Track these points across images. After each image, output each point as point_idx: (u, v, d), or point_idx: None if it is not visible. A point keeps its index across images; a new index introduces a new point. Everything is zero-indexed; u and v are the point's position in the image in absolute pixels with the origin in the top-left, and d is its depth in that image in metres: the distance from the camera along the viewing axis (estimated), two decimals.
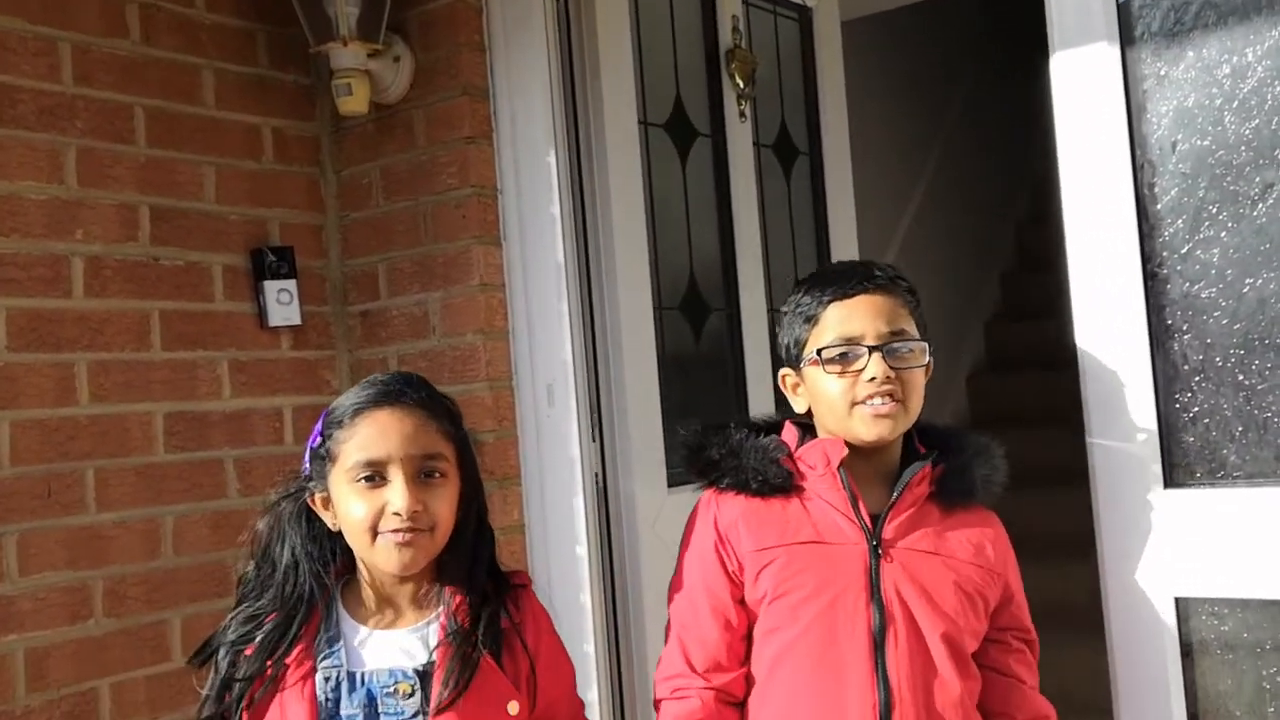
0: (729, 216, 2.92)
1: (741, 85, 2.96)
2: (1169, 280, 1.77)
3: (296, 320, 2.61)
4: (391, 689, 1.48)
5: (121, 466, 2.34)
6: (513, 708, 1.50)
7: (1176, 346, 1.76)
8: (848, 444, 1.60)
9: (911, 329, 1.61)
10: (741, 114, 2.97)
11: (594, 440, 2.53)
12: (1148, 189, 1.79)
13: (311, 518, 1.56)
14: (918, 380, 1.61)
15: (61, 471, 2.25)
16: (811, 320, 1.62)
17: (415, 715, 1.47)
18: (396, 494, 1.46)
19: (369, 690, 1.48)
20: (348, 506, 1.49)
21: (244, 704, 1.48)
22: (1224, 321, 1.73)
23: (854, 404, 1.57)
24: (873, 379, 1.56)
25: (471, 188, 2.52)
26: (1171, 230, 1.77)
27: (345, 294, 2.74)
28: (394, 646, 1.51)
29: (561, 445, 2.50)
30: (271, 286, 2.57)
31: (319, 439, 1.54)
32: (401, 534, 1.46)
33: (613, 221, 2.56)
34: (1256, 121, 1.70)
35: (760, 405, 2.87)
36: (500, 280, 2.54)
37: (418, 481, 1.48)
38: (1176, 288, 1.76)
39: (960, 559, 1.59)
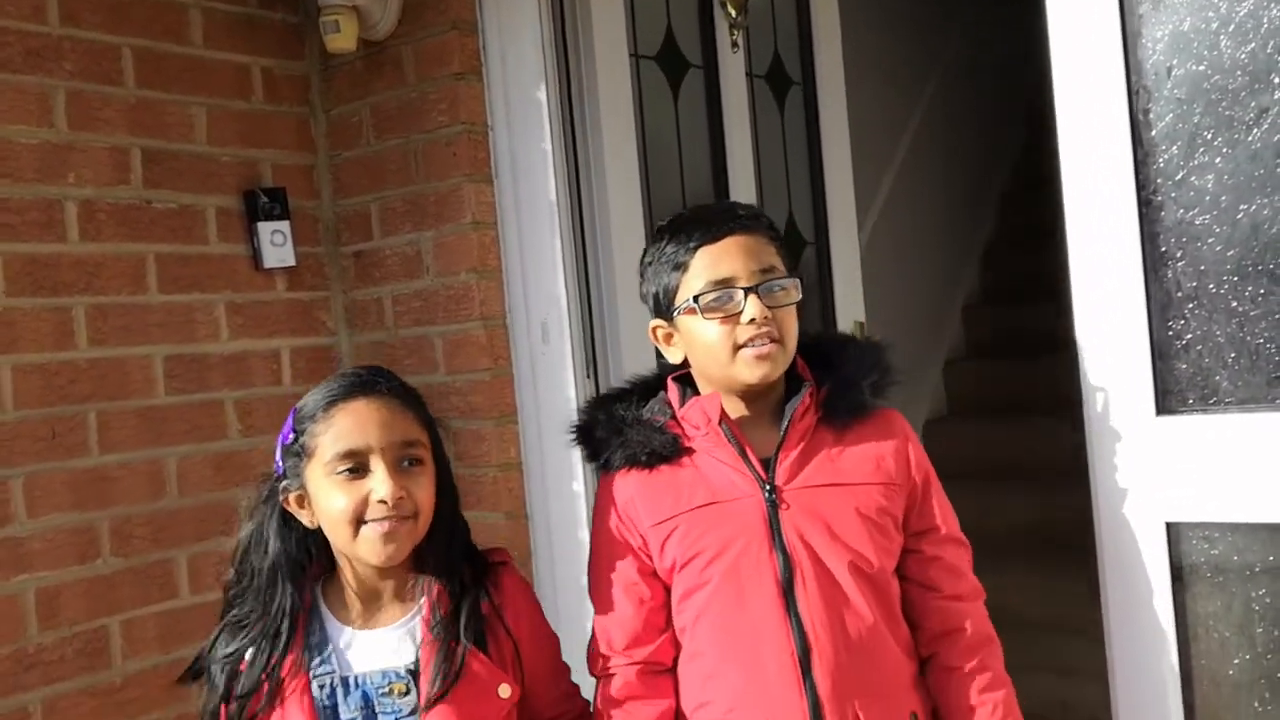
0: (722, 149, 2.91)
1: (734, 15, 2.93)
2: (1163, 207, 1.77)
3: (291, 261, 2.61)
4: (386, 689, 1.50)
5: (123, 409, 2.36)
6: (504, 691, 1.53)
7: (1170, 274, 1.76)
8: (733, 390, 1.59)
9: (780, 266, 1.59)
10: (734, 44, 2.94)
11: (589, 377, 2.53)
12: (1142, 115, 1.77)
13: (287, 519, 1.54)
14: (792, 317, 1.59)
15: (64, 415, 2.27)
16: (680, 267, 1.58)
17: (413, 713, 1.49)
18: (380, 482, 1.46)
19: (364, 692, 1.50)
20: (329, 500, 1.48)
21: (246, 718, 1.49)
22: (1218, 248, 1.73)
23: (736, 348, 1.55)
24: (752, 320, 1.53)
25: (462, 125, 2.50)
26: (1166, 157, 1.76)
27: (338, 234, 2.74)
28: (382, 645, 1.53)
29: (557, 383, 2.51)
30: (265, 228, 2.56)
31: (291, 435, 1.52)
32: (386, 523, 1.47)
33: (604, 157, 2.54)
34: (1252, 45, 1.69)
35: None
36: (492, 218, 2.54)
37: (399, 469, 1.49)
38: (1170, 214, 1.76)
39: (859, 481, 1.58)
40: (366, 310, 2.68)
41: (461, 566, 1.56)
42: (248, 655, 1.50)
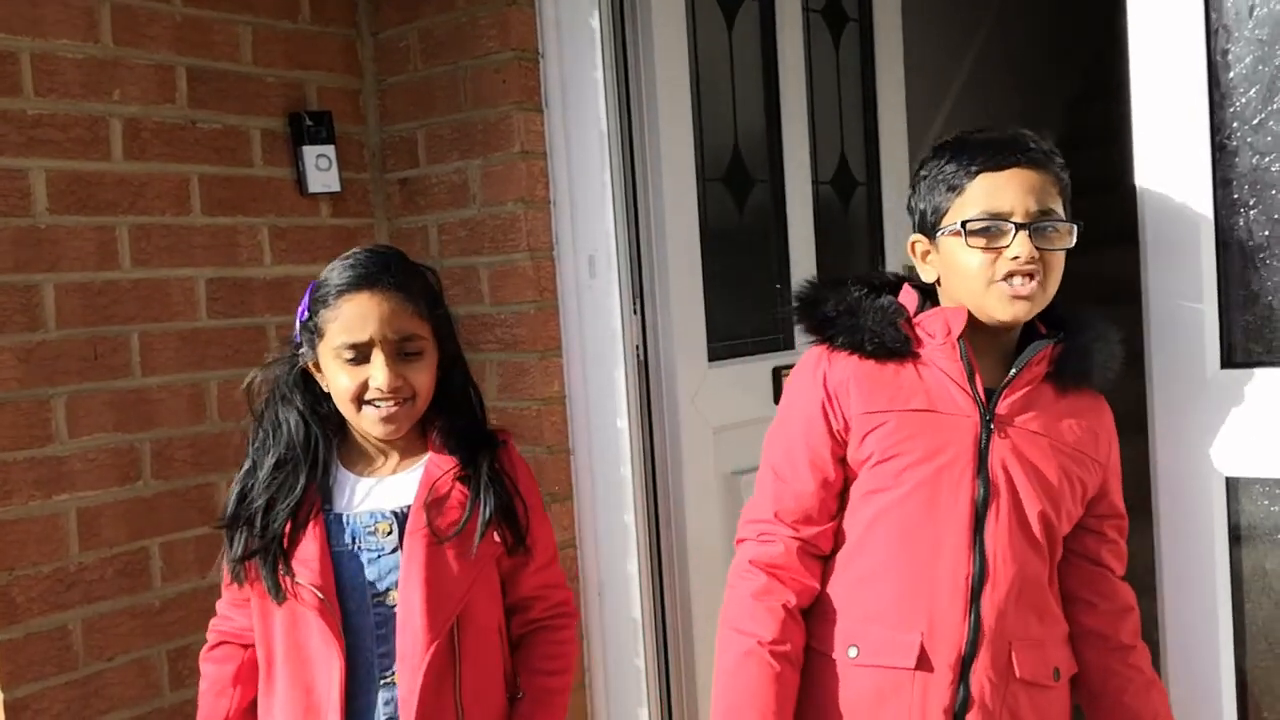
0: (775, 84, 2.84)
1: None
2: (1238, 153, 1.70)
3: (336, 187, 2.58)
4: (372, 528, 1.62)
5: (165, 331, 2.35)
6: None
7: (1242, 222, 1.70)
8: (972, 317, 1.56)
9: (1059, 208, 1.54)
10: None
11: (635, 313, 2.50)
12: (1221, 56, 1.70)
13: (309, 378, 1.68)
14: (1059, 262, 1.55)
15: (106, 335, 2.26)
16: (956, 189, 1.54)
17: (393, 551, 1.62)
18: (378, 372, 1.59)
19: (352, 530, 1.63)
20: (335, 378, 1.63)
21: (281, 544, 1.62)
22: None
23: (992, 281, 1.52)
24: (1016, 257, 1.49)
25: (512, 51, 2.45)
26: (1244, 100, 1.69)
27: (384, 161, 2.70)
28: (379, 491, 1.66)
29: (603, 317, 2.48)
30: (310, 151, 2.53)
31: (307, 313, 1.66)
32: (385, 407, 1.61)
33: (657, 88, 2.49)
34: None
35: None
36: (542, 148, 2.49)
37: (397, 359, 1.61)
38: (1245, 160, 1.70)
39: (1068, 443, 1.57)
40: (411, 238, 2.65)
41: (472, 431, 1.70)
42: (279, 496, 1.63)
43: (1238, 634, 1.72)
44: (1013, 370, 1.56)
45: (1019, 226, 1.50)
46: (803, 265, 2.86)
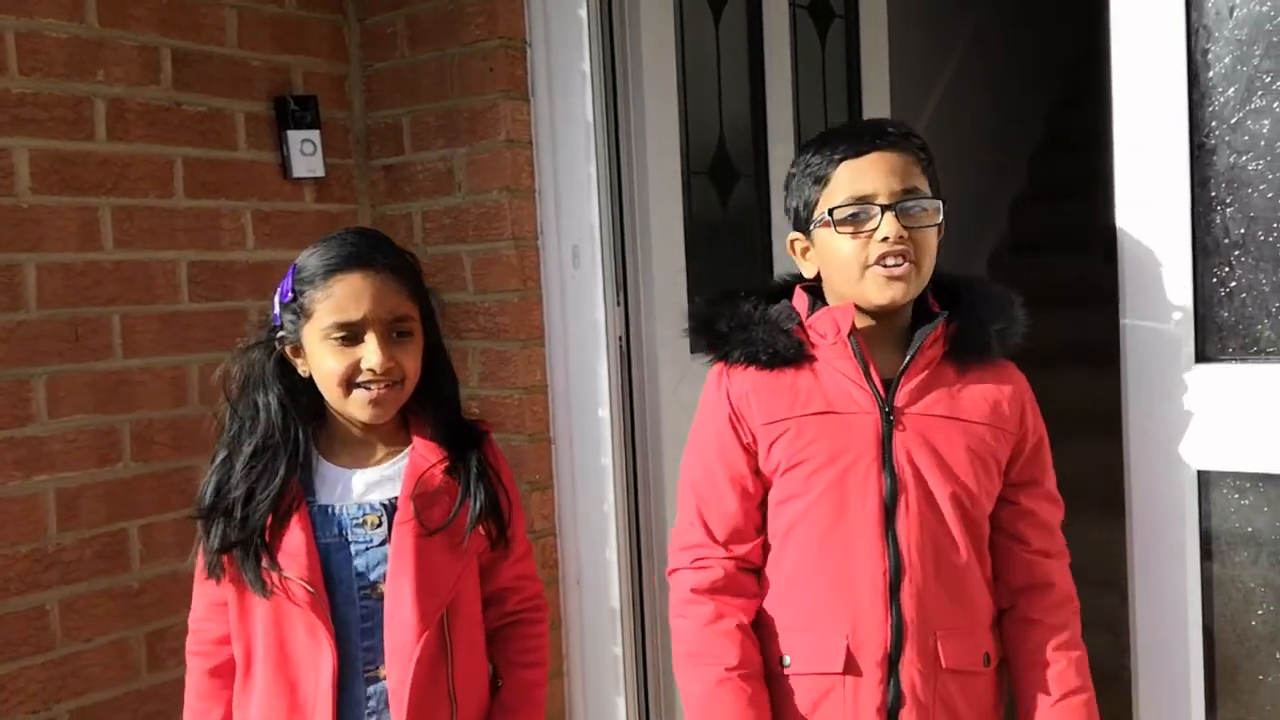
0: (761, 80, 2.86)
1: None
2: (1216, 151, 1.73)
3: (320, 172, 2.58)
4: (360, 520, 1.60)
5: (147, 313, 2.34)
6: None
7: (1219, 220, 1.73)
8: (860, 309, 1.57)
9: (924, 187, 1.57)
10: None
11: (618, 304, 2.51)
12: (1201, 55, 1.73)
13: (283, 365, 1.63)
14: (930, 240, 1.56)
15: (88, 316, 2.26)
16: (822, 180, 1.57)
17: (381, 544, 1.59)
18: (371, 353, 1.56)
19: (339, 521, 1.60)
20: (322, 360, 1.58)
21: (263, 536, 1.57)
22: (1269, 195, 1.69)
23: (866, 266, 1.53)
24: (885, 239, 1.51)
25: (500, 39, 2.46)
26: (1222, 99, 1.72)
27: (368, 147, 2.70)
28: (364, 483, 1.62)
29: (586, 307, 2.49)
30: (295, 136, 2.53)
31: (290, 294, 1.60)
32: (375, 389, 1.57)
33: (643, 80, 2.50)
34: None
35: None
36: (527, 137, 2.50)
37: (389, 340, 1.57)
38: (1223, 159, 1.72)
39: (974, 420, 1.57)
40: (395, 225, 2.65)
41: (452, 421, 1.67)
42: (258, 486, 1.58)
43: (1207, 626, 1.75)
44: (907, 357, 1.57)
45: (884, 208, 1.52)
46: (785, 259, 2.86)
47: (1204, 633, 1.75)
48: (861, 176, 1.54)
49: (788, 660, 1.56)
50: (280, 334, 1.62)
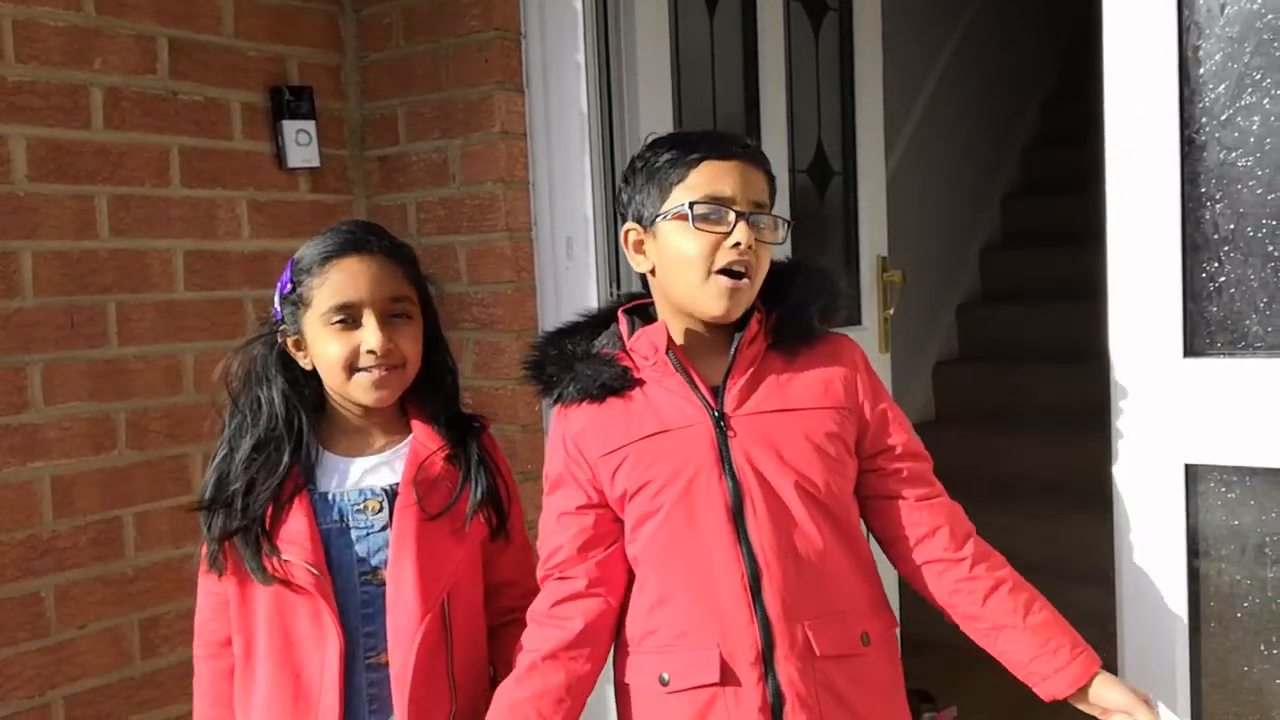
0: (754, 72, 2.86)
1: None
2: (1205, 147, 1.74)
3: (315, 162, 2.59)
4: (361, 506, 1.62)
5: (142, 302, 2.35)
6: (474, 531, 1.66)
7: (1208, 215, 1.74)
8: (692, 315, 1.58)
9: (768, 206, 1.59)
10: None
11: (612, 295, 2.52)
12: (1192, 52, 1.74)
13: (287, 358, 1.65)
14: (767, 257, 1.59)
15: (83, 304, 2.26)
16: (679, 176, 1.56)
17: (382, 529, 1.61)
18: (369, 334, 1.58)
19: (340, 507, 1.61)
20: (324, 347, 1.60)
21: (264, 523, 1.59)
22: (1258, 191, 1.70)
23: (710, 271, 1.54)
24: (736, 244, 1.52)
25: (495, 31, 2.46)
26: (1213, 96, 1.73)
27: (364, 138, 2.71)
28: (364, 470, 1.65)
29: (579, 299, 2.49)
30: (290, 126, 2.54)
31: (289, 285, 1.63)
32: (376, 372, 1.59)
33: (638, 71, 2.50)
34: None
35: None
36: (522, 128, 2.51)
37: (387, 322, 1.60)
38: (1213, 155, 1.74)
39: (807, 406, 1.57)
40: (389, 216, 2.66)
41: (451, 410, 1.69)
42: (259, 477, 1.60)
43: (1193, 619, 1.76)
44: (729, 361, 1.58)
45: (739, 214, 1.53)
46: (777, 252, 2.88)
47: (1190, 626, 1.76)
48: (723, 178, 1.54)
49: (666, 678, 1.56)
50: (281, 327, 1.64)
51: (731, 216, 1.54)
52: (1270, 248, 1.70)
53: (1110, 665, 1.82)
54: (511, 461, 2.42)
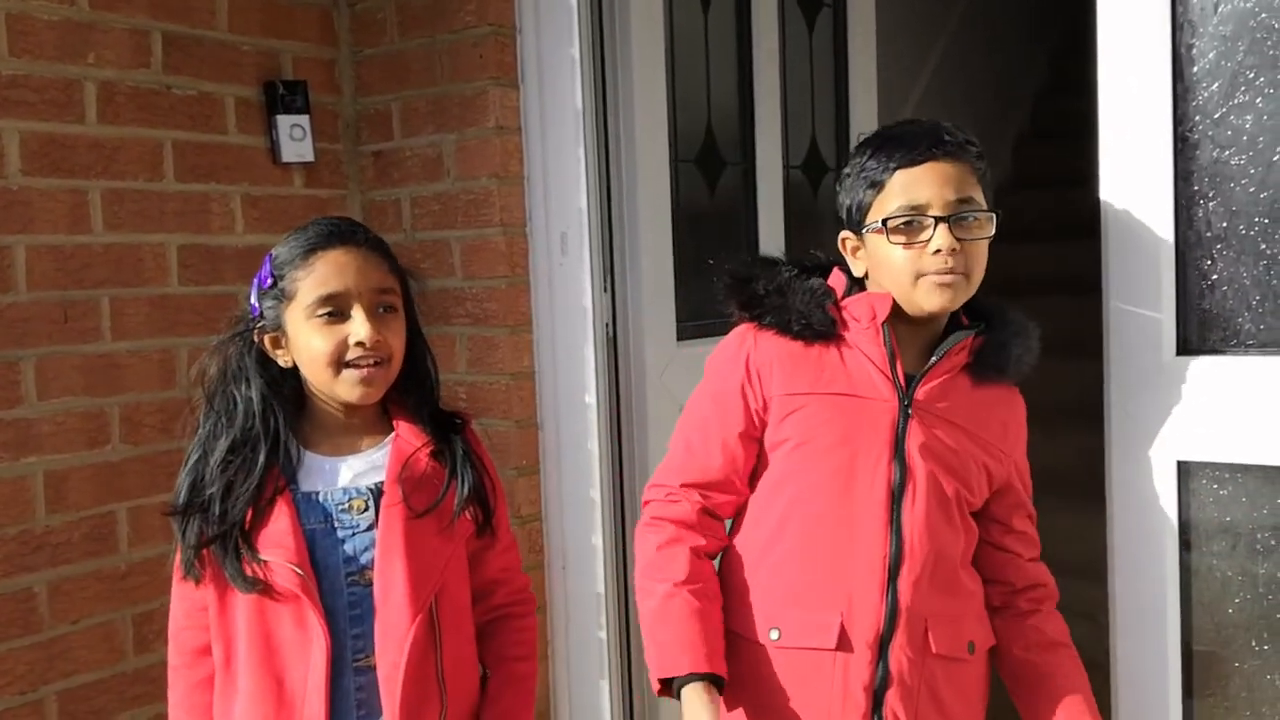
0: (749, 68, 2.87)
1: None
2: (1199, 145, 1.75)
3: (310, 157, 2.58)
4: (346, 505, 1.57)
5: (136, 296, 2.34)
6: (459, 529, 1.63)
7: (1201, 213, 1.75)
8: (898, 307, 1.59)
9: (979, 197, 1.57)
10: None
11: (605, 291, 2.52)
12: (1185, 50, 1.75)
13: (265, 357, 1.60)
14: (982, 251, 1.58)
15: (77, 299, 2.26)
16: (876, 185, 1.56)
17: (369, 529, 1.57)
18: (359, 326, 1.54)
19: (324, 508, 1.57)
20: (308, 341, 1.55)
21: (243, 528, 1.54)
22: (1251, 189, 1.71)
23: (919, 276, 1.54)
24: (938, 251, 1.52)
25: (489, 26, 2.46)
26: (1206, 94, 1.74)
27: (358, 133, 2.70)
28: (347, 470, 1.60)
29: (574, 294, 2.50)
30: (284, 121, 2.53)
31: (270, 280, 1.58)
32: (365, 368, 1.55)
33: (632, 67, 2.50)
34: None
35: None
36: (517, 124, 2.50)
37: (375, 315, 1.56)
38: (1206, 153, 1.74)
39: (982, 434, 1.62)
40: (384, 211, 2.66)
41: (433, 407, 1.66)
42: (237, 480, 1.54)
43: (1185, 614, 1.77)
44: (934, 357, 1.59)
45: (938, 220, 1.53)
46: (771, 248, 2.89)
47: (1182, 621, 1.77)
48: (916, 186, 1.54)
49: (776, 634, 1.59)
50: (259, 324, 1.58)
51: (930, 223, 1.53)
52: (1263, 246, 1.71)
53: (1103, 659, 1.84)
54: (505, 457, 2.45)
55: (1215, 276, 1.75)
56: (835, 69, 3.15)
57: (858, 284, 1.66)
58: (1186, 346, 1.76)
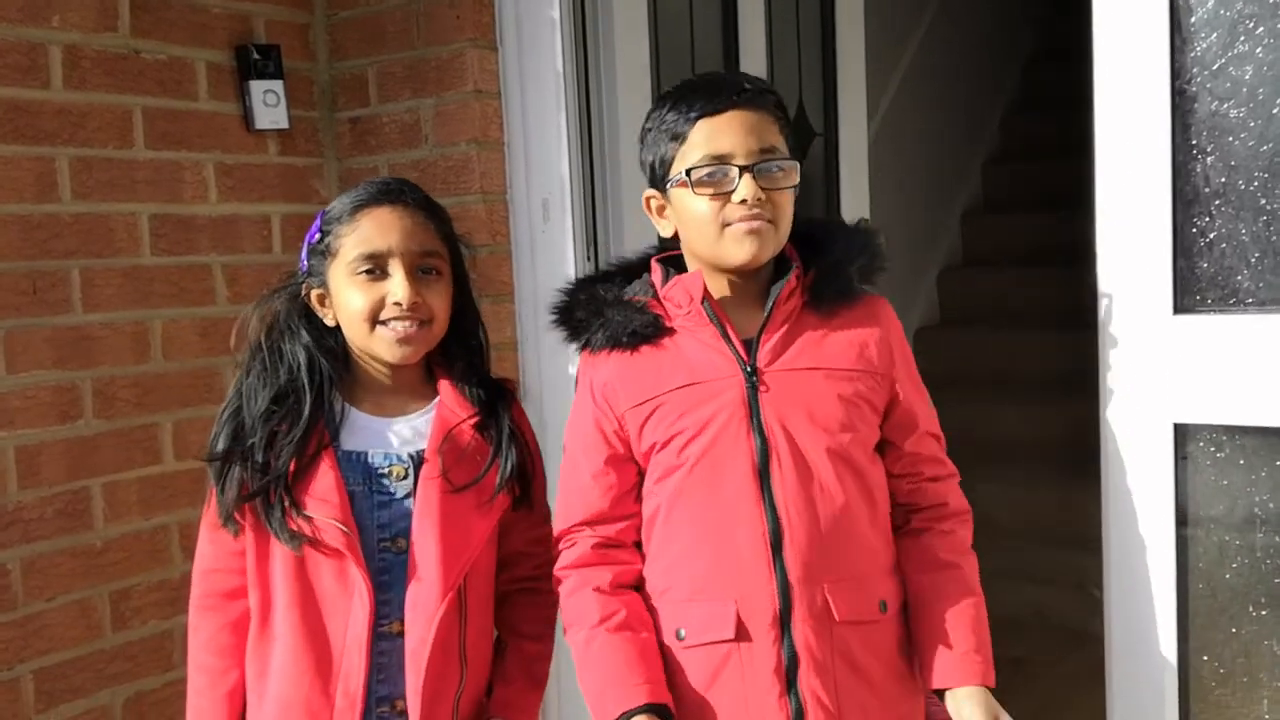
0: (734, 32, 2.82)
1: None
2: (1197, 98, 1.70)
3: (284, 124, 2.52)
4: (386, 470, 1.56)
5: (108, 267, 2.29)
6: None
7: (1199, 168, 1.71)
8: (719, 269, 1.55)
9: (781, 146, 1.53)
10: None
11: (589, 259, 2.48)
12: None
13: (311, 314, 1.61)
14: (787, 201, 1.54)
15: (46, 269, 2.20)
16: (679, 137, 1.52)
17: (406, 497, 1.56)
18: (397, 285, 1.53)
19: (365, 469, 1.56)
20: (348, 298, 1.55)
21: (287, 483, 1.52)
22: (1250, 143, 1.67)
23: (724, 225, 1.51)
24: (743, 201, 1.49)
25: None
26: (1205, 45, 1.69)
27: (334, 99, 2.64)
28: (389, 433, 1.59)
29: (556, 262, 2.45)
30: (257, 86, 2.47)
31: (318, 235, 1.59)
32: (401, 327, 1.54)
33: (614, 29, 2.45)
34: None
35: None
36: (496, 88, 2.45)
37: (415, 276, 1.55)
38: (1204, 106, 1.70)
39: (841, 367, 1.55)
40: (361, 179, 2.58)
41: (481, 375, 1.65)
42: (280, 430, 1.54)
43: (1181, 580, 1.75)
44: (765, 315, 1.55)
45: (742, 169, 1.49)
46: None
47: (1178, 586, 1.74)
48: (719, 135, 1.50)
49: (683, 633, 1.54)
50: (307, 279, 1.60)
51: (734, 173, 1.50)
52: (1262, 201, 1.67)
53: (1096, 629, 1.81)
54: None
55: (1213, 233, 1.71)
56: (822, 33, 3.10)
57: (676, 268, 1.62)
58: (1183, 306, 1.72)
